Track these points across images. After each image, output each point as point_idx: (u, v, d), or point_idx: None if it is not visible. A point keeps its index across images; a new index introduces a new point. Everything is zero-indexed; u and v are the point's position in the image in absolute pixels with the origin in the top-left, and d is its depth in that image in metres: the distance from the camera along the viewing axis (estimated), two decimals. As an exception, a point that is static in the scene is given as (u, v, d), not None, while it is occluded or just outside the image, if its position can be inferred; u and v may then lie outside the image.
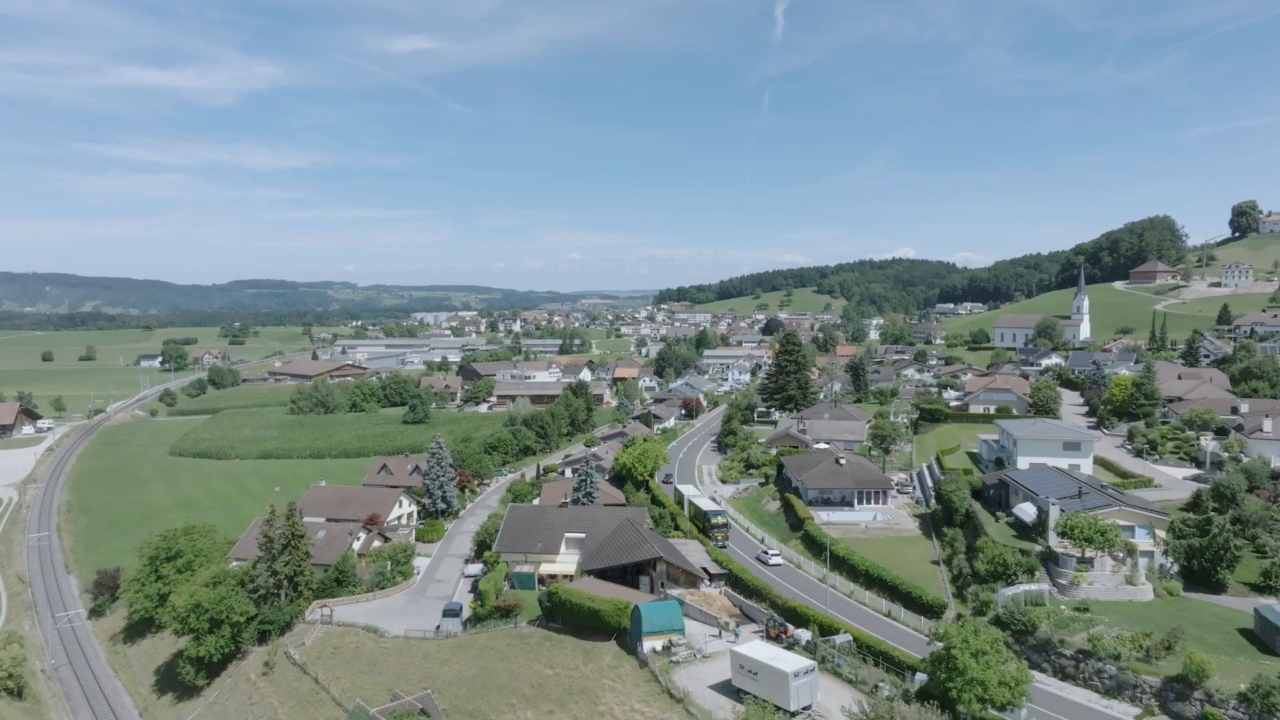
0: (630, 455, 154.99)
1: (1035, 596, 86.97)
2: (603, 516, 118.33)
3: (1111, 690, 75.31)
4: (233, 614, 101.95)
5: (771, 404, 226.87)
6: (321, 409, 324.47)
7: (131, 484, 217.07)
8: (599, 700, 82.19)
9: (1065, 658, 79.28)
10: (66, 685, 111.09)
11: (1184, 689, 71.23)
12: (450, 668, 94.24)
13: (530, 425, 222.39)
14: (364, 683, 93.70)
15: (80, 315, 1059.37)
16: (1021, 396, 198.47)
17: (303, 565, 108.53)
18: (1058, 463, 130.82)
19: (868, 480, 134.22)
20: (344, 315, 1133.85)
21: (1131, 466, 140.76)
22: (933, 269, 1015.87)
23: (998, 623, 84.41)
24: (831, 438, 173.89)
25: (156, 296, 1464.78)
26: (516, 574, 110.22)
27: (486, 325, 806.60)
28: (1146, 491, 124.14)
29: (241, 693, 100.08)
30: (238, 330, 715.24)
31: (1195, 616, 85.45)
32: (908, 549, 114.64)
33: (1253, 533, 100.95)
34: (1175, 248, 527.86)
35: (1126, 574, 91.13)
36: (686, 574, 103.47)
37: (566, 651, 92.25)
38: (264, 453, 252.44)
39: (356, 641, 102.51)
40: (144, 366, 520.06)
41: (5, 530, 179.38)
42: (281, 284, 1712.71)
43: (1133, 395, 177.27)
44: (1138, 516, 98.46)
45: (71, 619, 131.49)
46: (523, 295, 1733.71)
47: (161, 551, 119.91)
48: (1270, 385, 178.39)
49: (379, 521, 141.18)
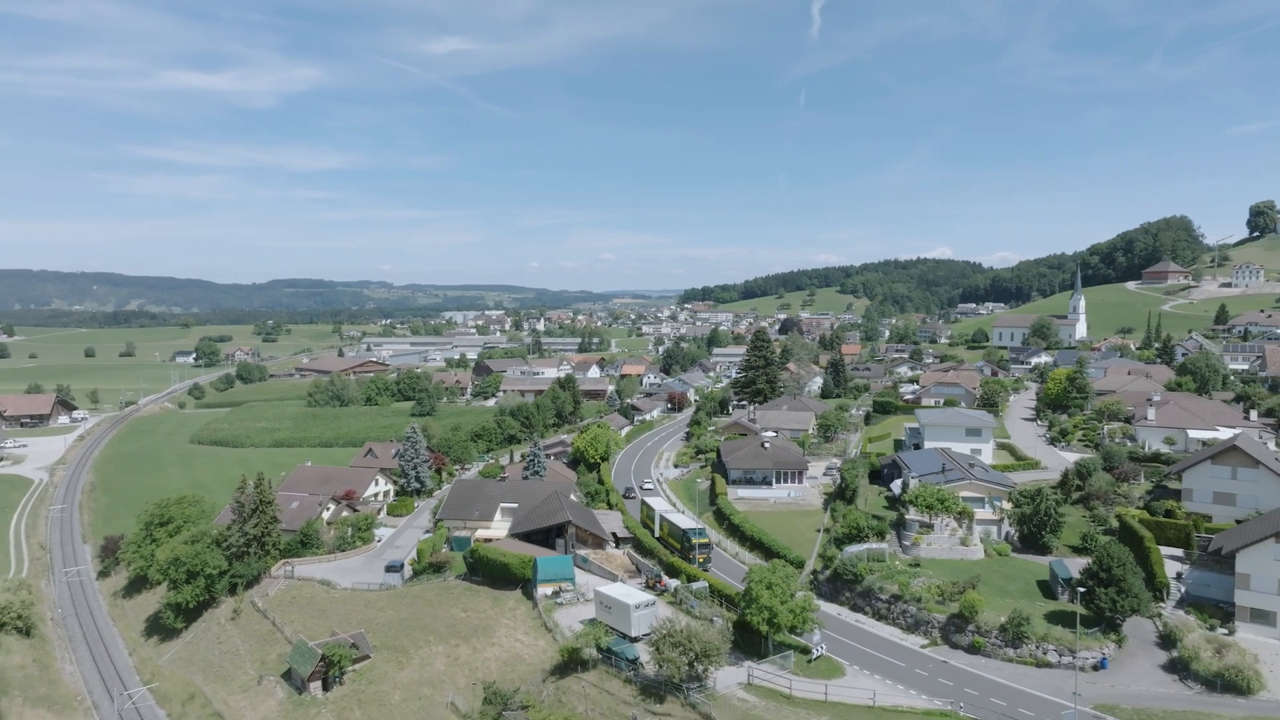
0: (583, 440, 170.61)
1: (877, 554, 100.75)
2: (536, 489, 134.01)
3: (911, 627, 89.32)
4: (207, 567, 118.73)
5: (743, 397, 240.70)
6: (337, 402, 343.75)
7: (151, 468, 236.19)
8: (494, 634, 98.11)
9: (881, 602, 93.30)
10: (70, 630, 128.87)
11: (961, 623, 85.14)
12: (385, 612, 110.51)
13: (516, 416, 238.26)
14: (312, 625, 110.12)
15: (124, 314, 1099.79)
16: (970, 390, 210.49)
17: (270, 528, 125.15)
18: (960, 446, 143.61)
19: (787, 462, 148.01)
20: (378, 314, 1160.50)
21: (1041, 452, 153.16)
22: (958, 269, 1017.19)
23: (835, 575, 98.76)
24: (780, 426, 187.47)
25: (198, 295, 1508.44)
26: (455, 537, 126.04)
27: (511, 324, 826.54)
28: (1033, 472, 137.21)
29: (212, 634, 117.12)
30: (270, 328, 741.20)
31: (1010, 571, 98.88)
32: (803, 520, 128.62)
33: (1093, 504, 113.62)
34: (1191, 248, 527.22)
35: (961, 536, 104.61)
36: (595, 537, 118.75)
37: (481, 599, 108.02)
38: (276, 441, 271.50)
39: (311, 592, 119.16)
40: (178, 362, 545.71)
41: (34, 506, 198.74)
42: (319, 283, 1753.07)
43: (1065, 389, 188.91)
44: (986, 489, 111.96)
45: (81, 575, 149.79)
46: (555, 295, 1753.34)
47: (155, 517, 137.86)
48: (1195, 379, 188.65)
49: (354, 496, 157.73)
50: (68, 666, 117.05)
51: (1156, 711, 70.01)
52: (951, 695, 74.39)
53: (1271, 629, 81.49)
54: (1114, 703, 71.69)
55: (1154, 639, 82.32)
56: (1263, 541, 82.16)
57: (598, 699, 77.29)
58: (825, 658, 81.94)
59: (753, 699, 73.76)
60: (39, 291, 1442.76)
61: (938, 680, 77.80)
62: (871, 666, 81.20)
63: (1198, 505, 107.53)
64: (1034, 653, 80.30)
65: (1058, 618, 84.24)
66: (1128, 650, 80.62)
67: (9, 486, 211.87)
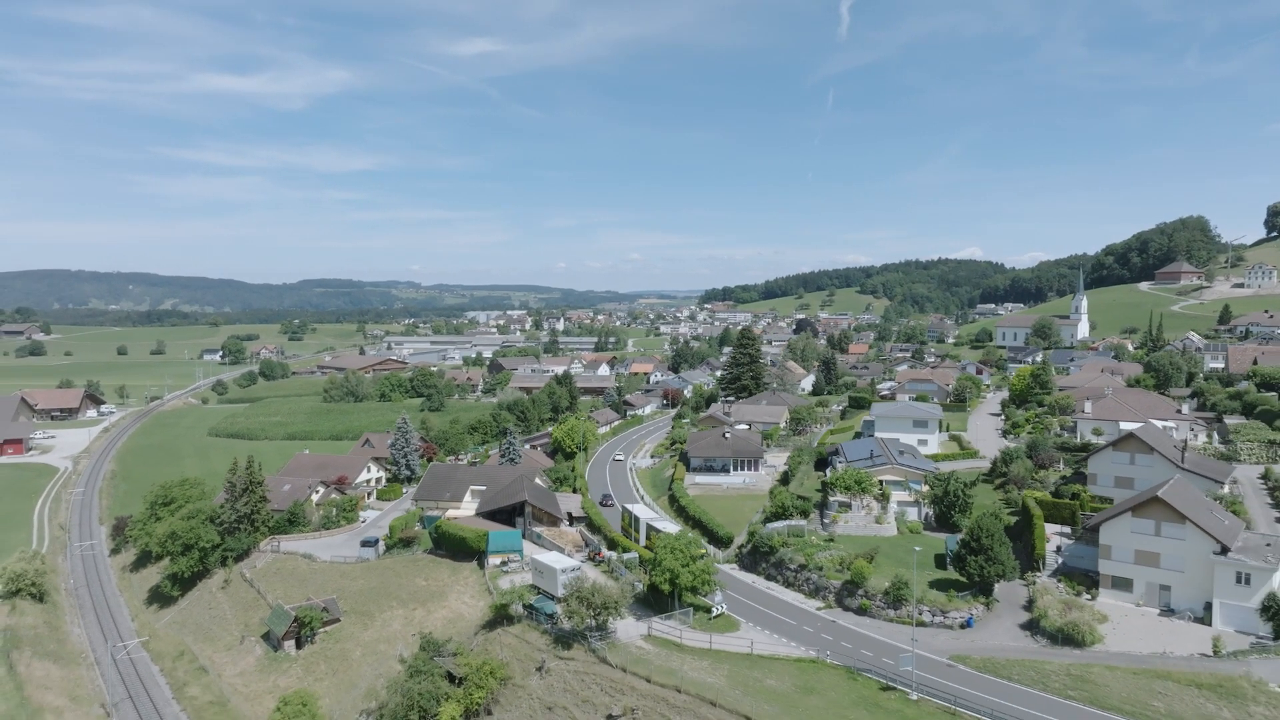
0: (560, 430, 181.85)
1: (796, 530, 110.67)
2: (504, 473, 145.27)
3: (812, 592, 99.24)
4: (201, 541, 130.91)
5: (729, 392, 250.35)
6: (351, 398, 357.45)
7: (169, 458, 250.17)
8: (446, 599, 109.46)
9: (790, 571, 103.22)
10: (80, 598, 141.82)
11: (852, 588, 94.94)
12: (357, 582, 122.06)
13: (512, 410, 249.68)
14: (292, 592, 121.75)
15: (157, 313, 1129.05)
16: (943, 387, 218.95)
17: (259, 507, 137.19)
18: (908, 437, 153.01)
19: (745, 451, 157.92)
20: (405, 314, 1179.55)
21: (993, 443, 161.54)
22: (979, 269, 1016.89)
23: (755, 548, 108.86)
24: (754, 419, 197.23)
25: (230, 295, 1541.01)
26: (427, 516, 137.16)
27: (531, 324, 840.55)
28: (971, 461, 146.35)
29: (204, 601, 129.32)
30: (296, 327, 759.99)
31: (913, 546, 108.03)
32: (749, 503, 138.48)
33: (1009, 488, 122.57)
34: (1207, 248, 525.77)
35: (876, 515, 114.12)
36: (550, 515, 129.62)
37: (441, 569, 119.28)
38: (289, 434, 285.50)
39: (294, 565, 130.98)
40: (205, 360, 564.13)
41: (58, 492, 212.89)
42: (348, 283, 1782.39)
43: (1029, 385, 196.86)
44: (907, 474, 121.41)
45: (94, 549, 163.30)
46: (581, 295, 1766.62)
47: (160, 498, 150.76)
48: (1156, 376, 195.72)
49: (345, 482, 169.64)
50: (75, 629, 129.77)
51: (999, 660, 79.38)
52: (828, 648, 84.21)
53: (1128, 594, 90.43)
54: (967, 654, 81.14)
55: (1022, 603, 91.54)
56: (1120, 516, 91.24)
57: (517, 647, 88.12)
58: (725, 616, 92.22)
59: (648, 647, 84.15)
60: (77, 291, 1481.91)
61: (820, 636, 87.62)
62: (766, 624, 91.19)
63: (1101, 489, 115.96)
64: (911, 613, 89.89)
65: (946, 585, 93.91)
66: (996, 612, 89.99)
67: (36, 474, 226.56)
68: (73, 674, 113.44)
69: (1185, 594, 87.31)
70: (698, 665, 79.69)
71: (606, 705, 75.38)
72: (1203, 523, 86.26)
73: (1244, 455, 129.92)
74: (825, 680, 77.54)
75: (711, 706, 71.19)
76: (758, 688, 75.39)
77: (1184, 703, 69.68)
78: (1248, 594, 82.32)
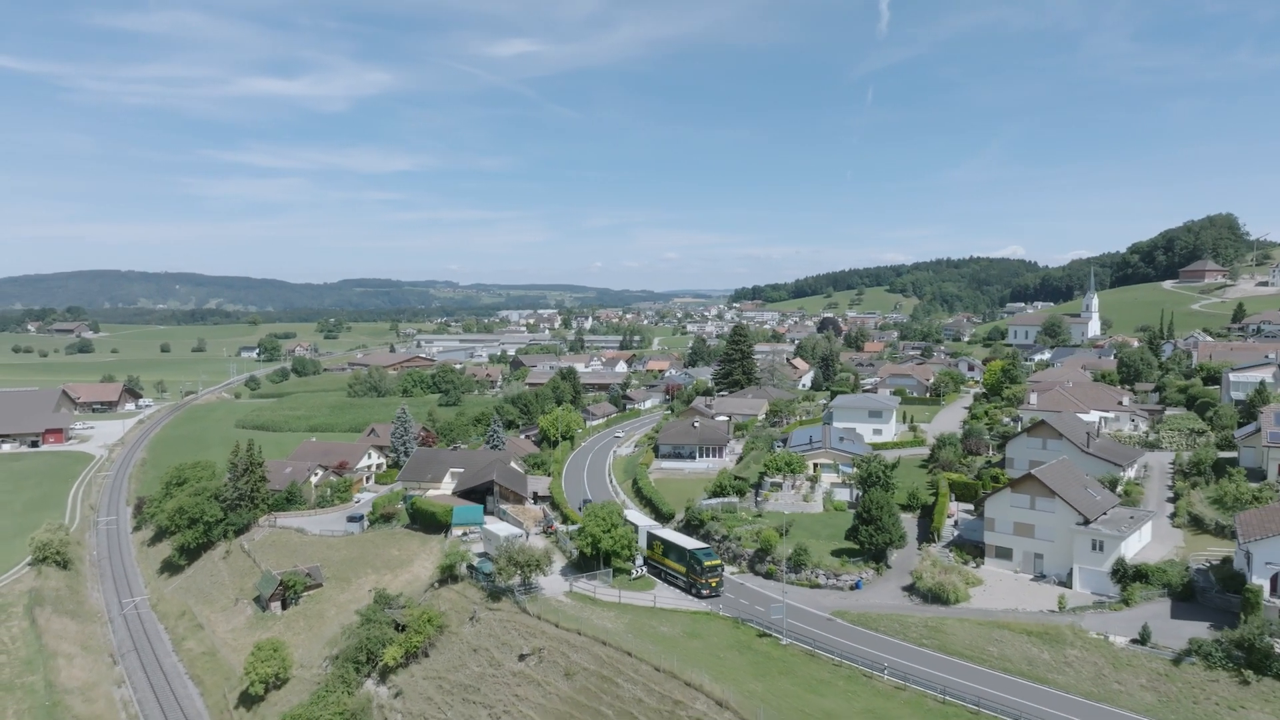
0: (546, 420, 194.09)
1: (729, 506, 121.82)
2: (483, 457, 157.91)
3: (731, 559, 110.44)
4: (205, 515, 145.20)
5: (723, 387, 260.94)
6: (374, 393, 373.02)
7: (198, 448, 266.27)
8: (411, 565, 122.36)
9: (715, 541, 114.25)
10: (101, 568, 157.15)
11: (762, 555, 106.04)
12: (340, 552, 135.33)
13: (516, 404, 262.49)
14: (282, 561, 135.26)
15: (201, 312, 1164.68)
16: (922, 381, 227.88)
17: (259, 486, 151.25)
18: (864, 426, 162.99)
19: (711, 439, 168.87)
20: (441, 313, 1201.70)
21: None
22: (1010, 268, 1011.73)
23: (688, 522, 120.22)
24: (734, 412, 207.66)
25: (272, 294, 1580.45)
26: (409, 495, 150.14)
27: (561, 322, 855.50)
28: (916, 448, 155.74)
29: (207, 570, 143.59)
30: (332, 326, 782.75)
31: (836, 521, 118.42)
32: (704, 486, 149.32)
33: (936, 471, 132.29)
34: (1235, 246, 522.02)
35: (804, 494, 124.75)
36: (516, 494, 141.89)
37: (414, 540, 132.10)
38: (311, 427, 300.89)
39: (288, 538, 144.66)
40: (243, 357, 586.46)
41: (92, 477, 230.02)
42: (387, 283, 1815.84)
43: (999, 379, 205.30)
44: (838, 457, 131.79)
45: (116, 524, 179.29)
46: (617, 294, 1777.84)
47: (174, 478, 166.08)
48: (1126, 370, 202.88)
49: (346, 467, 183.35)
50: (94, 593, 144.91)
51: (873, 615, 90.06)
52: (728, 606, 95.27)
53: (1009, 562, 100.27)
54: (847, 610, 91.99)
55: (912, 569, 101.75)
56: (1001, 492, 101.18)
57: (456, 601, 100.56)
58: (644, 578, 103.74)
59: (567, 601, 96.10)
60: (127, 291, 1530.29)
61: (726, 595, 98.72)
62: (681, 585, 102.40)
63: (1017, 471, 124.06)
64: (809, 577, 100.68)
65: (848, 553, 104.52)
66: (886, 576, 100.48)
67: (74, 461, 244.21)
68: (87, 629, 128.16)
69: (1055, 561, 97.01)
70: (604, 615, 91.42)
71: (520, 646, 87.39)
72: (1069, 497, 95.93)
73: (1165, 443, 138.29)
74: (712, 628, 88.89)
75: (603, 646, 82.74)
76: (650, 633, 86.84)
77: (1014, 647, 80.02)
78: (1101, 559, 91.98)
